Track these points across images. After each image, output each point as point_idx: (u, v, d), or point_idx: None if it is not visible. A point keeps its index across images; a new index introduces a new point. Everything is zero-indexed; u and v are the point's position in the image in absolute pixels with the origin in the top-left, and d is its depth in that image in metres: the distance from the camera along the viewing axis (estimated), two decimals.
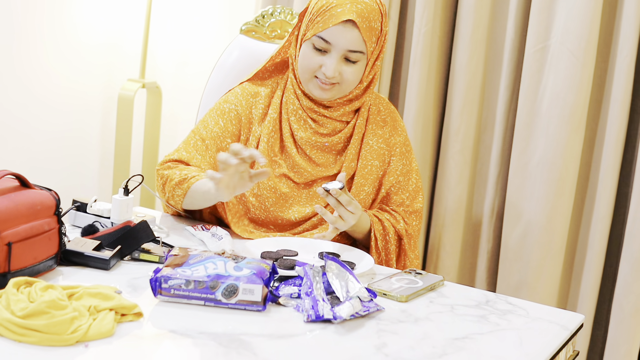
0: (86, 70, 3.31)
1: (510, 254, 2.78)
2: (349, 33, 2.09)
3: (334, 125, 2.21)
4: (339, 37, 2.09)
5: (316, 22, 2.11)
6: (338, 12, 2.08)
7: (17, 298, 1.46)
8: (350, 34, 2.09)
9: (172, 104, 3.52)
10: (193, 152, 2.18)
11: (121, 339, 1.47)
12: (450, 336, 1.64)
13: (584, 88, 2.63)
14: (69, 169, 3.32)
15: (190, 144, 2.20)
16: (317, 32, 2.10)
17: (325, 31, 2.09)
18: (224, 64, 2.53)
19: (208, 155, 2.18)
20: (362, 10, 2.09)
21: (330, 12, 2.09)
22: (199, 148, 2.18)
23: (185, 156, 2.18)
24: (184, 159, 2.18)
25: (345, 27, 2.09)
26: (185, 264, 1.67)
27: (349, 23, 2.08)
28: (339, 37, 2.09)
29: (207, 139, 2.19)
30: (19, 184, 1.70)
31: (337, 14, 2.08)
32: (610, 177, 2.66)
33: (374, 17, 2.10)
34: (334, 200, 2.01)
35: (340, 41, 2.09)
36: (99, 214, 2.06)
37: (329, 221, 2.05)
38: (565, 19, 2.62)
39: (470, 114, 2.85)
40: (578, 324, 1.80)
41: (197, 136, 2.20)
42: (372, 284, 1.84)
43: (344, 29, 2.09)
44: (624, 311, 2.65)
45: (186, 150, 2.19)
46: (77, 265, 1.79)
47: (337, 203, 2.02)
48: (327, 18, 2.09)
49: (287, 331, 1.59)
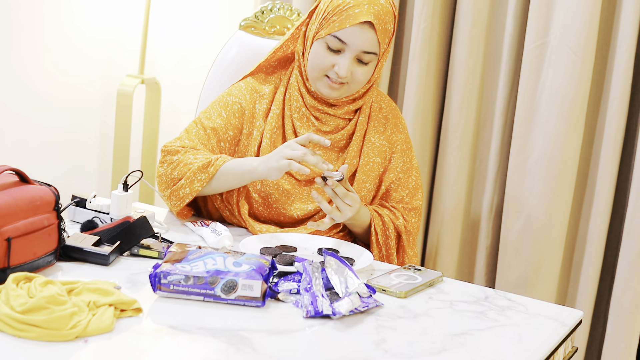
0: (85, 66, 3.31)
1: (510, 250, 2.78)
2: (366, 34, 2.08)
3: (337, 122, 2.21)
4: (356, 38, 2.08)
5: (332, 21, 2.09)
6: (356, 12, 2.07)
7: (17, 293, 1.46)
8: (366, 35, 2.08)
9: (171, 99, 3.52)
10: (196, 140, 2.17)
11: (120, 335, 1.47)
12: (449, 332, 1.64)
13: (583, 84, 2.63)
14: (68, 164, 3.32)
15: (192, 133, 2.19)
16: (333, 31, 2.09)
17: (342, 31, 2.08)
18: (223, 60, 2.53)
19: (210, 145, 2.18)
20: (379, 12, 2.08)
21: (347, 12, 2.07)
22: (201, 137, 2.18)
23: (188, 144, 2.16)
24: (187, 146, 2.17)
25: (362, 29, 2.08)
26: (185, 259, 1.68)
27: (366, 24, 2.07)
28: (356, 38, 2.08)
29: (208, 129, 2.18)
30: (18, 180, 1.70)
31: (355, 14, 2.07)
32: (609, 174, 2.66)
33: (388, 19, 2.10)
34: (331, 190, 2.01)
35: (356, 42, 2.08)
36: (98, 210, 2.06)
37: (325, 211, 2.04)
38: (564, 15, 2.62)
39: (470, 110, 2.85)
40: (577, 320, 1.80)
41: (199, 125, 2.20)
42: (371, 280, 1.84)
43: (361, 30, 2.08)
44: (622, 307, 2.65)
45: (189, 138, 2.18)
46: (77, 260, 1.80)
47: (334, 194, 2.02)
48: (344, 18, 2.07)
49: (286, 327, 1.60)
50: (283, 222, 2.20)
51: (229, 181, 2.11)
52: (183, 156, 2.13)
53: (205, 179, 2.10)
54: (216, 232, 2.06)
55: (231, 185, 2.12)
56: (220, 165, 2.09)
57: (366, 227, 2.17)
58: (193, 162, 2.11)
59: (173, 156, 2.15)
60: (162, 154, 2.19)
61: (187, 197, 2.13)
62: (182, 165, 2.12)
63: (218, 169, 2.09)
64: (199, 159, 2.11)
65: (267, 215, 2.20)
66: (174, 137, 2.22)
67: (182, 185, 2.12)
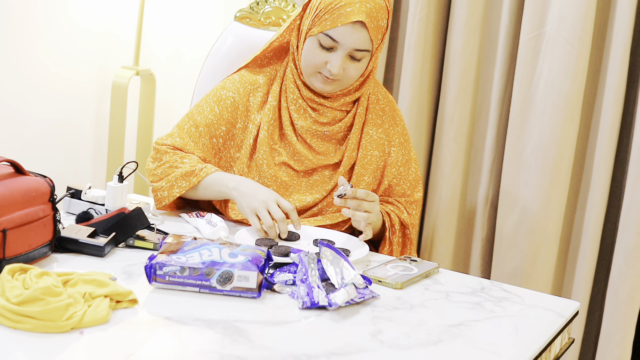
0: (80, 58, 3.30)
1: (505, 241, 2.78)
2: (358, 33, 2.07)
3: (334, 114, 2.21)
4: (347, 37, 2.07)
5: (324, 19, 2.08)
6: (347, 11, 2.05)
7: (12, 285, 1.46)
8: (358, 34, 2.07)
9: (166, 91, 3.51)
10: (187, 138, 2.17)
11: (116, 326, 1.47)
12: (445, 323, 1.64)
13: (579, 76, 2.63)
14: (63, 156, 3.31)
15: (184, 130, 2.19)
16: (325, 29, 2.08)
17: (334, 30, 2.07)
18: (218, 51, 2.53)
19: (201, 142, 2.17)
20: (371, 10, 2.06)
21: (339, 10, 2.06)
22: (192, 134, 2.18)
23: (179, 142, 2.17)
24: (177, 145, 2.17)
25: (354, 28, 2.07)
26: (180, 250, 1.67)
27: (358, 24, 2.06)
28: (347, 37, 2.07)
29: (200, 125, 2.18)
30: (13, 171, 1.70)
31: (346, 13, 2.06)
32: (605, 165, 2.66)
33: (381, 15, 2.09)
34: (354, 201, 2.00)
35: (348, 41, 2.07)
36: (93, 201, 2.06)
37: (361, 219, 2.00)
38: (560, 6, 2.61)
39: (465, 102, 2.85)
40: (573, 311, 1.81)
41: (190, 121, 2.19)
42: (367, 271, 1.84)
43: (353, 29, 2.07)
44: (618, 299, 2.65)
45: (180, 136, 2.18)
46: (72, 252, 1.79)
47: (358, 201, 2.00)
48: (336, 17, 2.06)
49: (282, 318, 1.60)
50: None
51: (207, 194, 2.13)
52: (171, 157, 2.15)
53: (185, 187, 2.12)
54: (212, 223, 2.06)
55: (210, 197, 2.15)
56: (202, 177, 2.11)
57: (379, 227, 2.16)
58: (179, 165, 2.13)
59: (162, 155, 2.17)
60: (153, 150, 2.21)
61: (164, 200, 2.15)
62: (168, 166, 2.14)
63: (200, 180, 2.11)
64: (185, 164, 2.13)
65: None
66: (167, 133, 2.21)
67: (162, 187, 2.15)
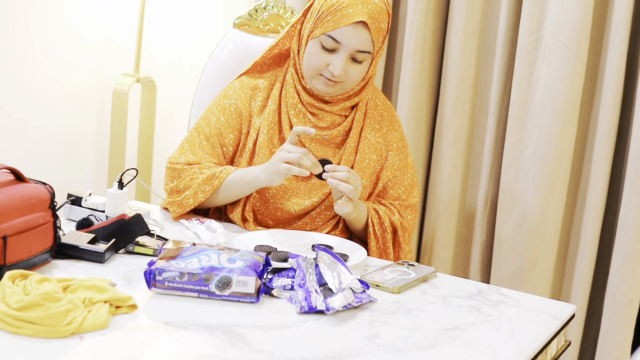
0: (81, 65, 3.31)
1: (504, 245, 2.79)
2: (360, 34, 2.09)
3: (333, 118, 2.22)
4: (350, 38, 2.09)
5: (326, 21, 2.10)
6: (350, 12, 2.08)
7: (13, 291, 1.47)
8: (360, 35, 2.09)
9: (167, 98, 3.53)
10: (200, 152, 2.19)
11: (116, 331, 1.48)
12: (442, 327, 1.65)
13: (577, 80, 2.64)
14: (64, 163, 3.32)
15: (195, 145, 2.21)
16: (327, 31, 2.10)
17: (336, 31, 2.09)
18: (218, 58, 2.54)
19: (215, 153, 2.20)
20: (373, 12, 2.09)
21: (341, 11, 2.08)
22: (205, 147, 2.20)
23: (193, 159, 2.19)
24: (192, 161, 2.19)
25: (357, 28, 2.09)
26: (179, 256, 1.68)
27: (360, 24, 2.08)
28: (350, 38, 2.09)
29: (211, 137, 2.20)
30: (13, 178, 1.71)
31: (348, 14, 2.08)
32: (603, 169, 2.67)
33: (382, 17, 2.11)
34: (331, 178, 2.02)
35: (351, 42, 2.09)
36: (93, 208, 2.07)
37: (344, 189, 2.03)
38: (557, 11, 2.63)
39: (463, 106, 2.86)
40: (569, 314, 1.81)
41: (201, 135, 2.21)
42: (365, 276, 1.85)
43: (355, 30, 2.09)
44: (616, 302, 2.66)
45: (193, 152, 2.20)
46: (72, 258, 1.80)
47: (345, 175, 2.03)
48: (338, 18, 2.09)
49: (280, 322, 1.61)
50: (280, 218, 2.21)
51: (235, 192, 2.15)
52: (189, 172, 2.17)
53: (209, 191, 2.14)
54: (211, 229, 2.07)
55: (237, 195, 2.17)
56: (224, 177, 2.14)
57: (364, 222, 2.18)
58: (198, 175, 2.15)
59: (180, 172, 2.18)
60: (167, 170, 2.22)
61: (188, 207, 2.17)
62: (189, 179, 2.17)
63: (222, 181, 2.13)
64: (204, 173, 2.15)
65: (264, 210, 2.21)
66: (178, 150, 2.22)
67: (187, 196, 2.17)
